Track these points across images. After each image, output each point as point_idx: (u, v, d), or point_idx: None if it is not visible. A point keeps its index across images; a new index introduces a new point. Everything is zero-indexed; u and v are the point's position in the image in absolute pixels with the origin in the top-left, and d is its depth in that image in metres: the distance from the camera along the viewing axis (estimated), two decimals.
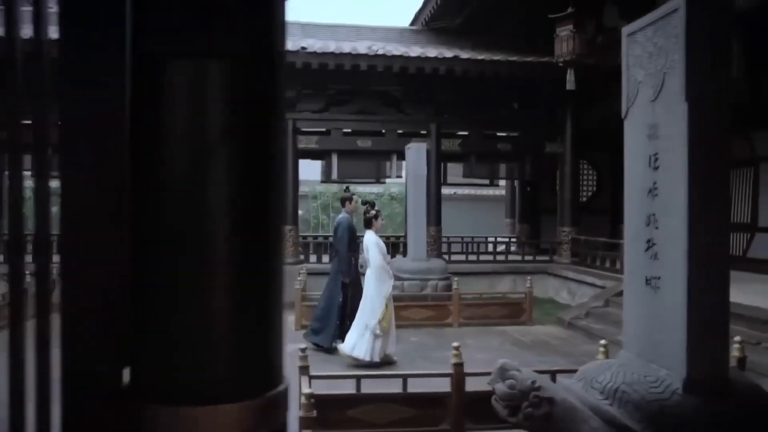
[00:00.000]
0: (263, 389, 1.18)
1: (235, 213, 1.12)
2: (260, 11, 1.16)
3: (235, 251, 1.12)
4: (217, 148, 1.09)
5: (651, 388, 2.94)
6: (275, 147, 1.19)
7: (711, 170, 2.91)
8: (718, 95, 2.93)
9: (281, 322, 1.26)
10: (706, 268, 2.92)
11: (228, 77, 1.09)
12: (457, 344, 4.53)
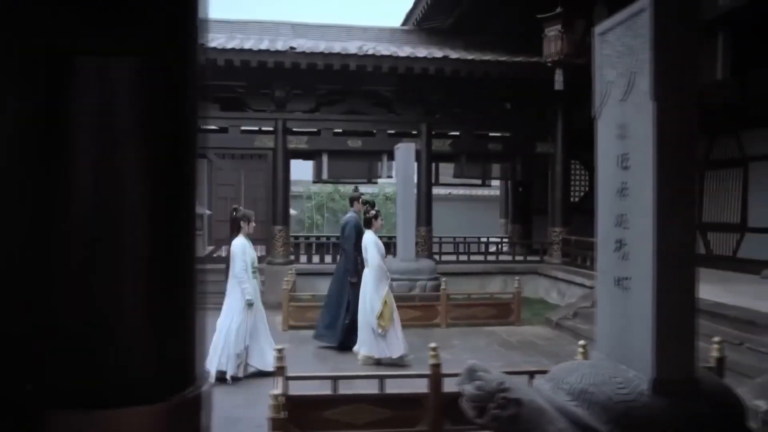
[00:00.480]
0: (179, 390, 1.16)
1: (144, 213, 1.11)
2: (171, 8, 1.14)
3: (144, 250, 1.11)
4: (124, 148, 1.07)
5: (618, 389, 2.93)
6: (187, 146, 1.17)
7: (678, 170, 2.90)
8: (686, 95, 2.91)
9: (197, 321, 1.24)
10: (673, 268, 2.90)
11: (135, 75, 1.08)
12: (435, 345, 4.51)
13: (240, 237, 6.34)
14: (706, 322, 6.85)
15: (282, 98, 11.30)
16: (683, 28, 2.90)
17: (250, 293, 6.20)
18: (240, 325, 6.17)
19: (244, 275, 6.22)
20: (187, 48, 1.16)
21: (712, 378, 3.11)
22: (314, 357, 7.07)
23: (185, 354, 1.20)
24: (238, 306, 6.23)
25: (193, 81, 1.18)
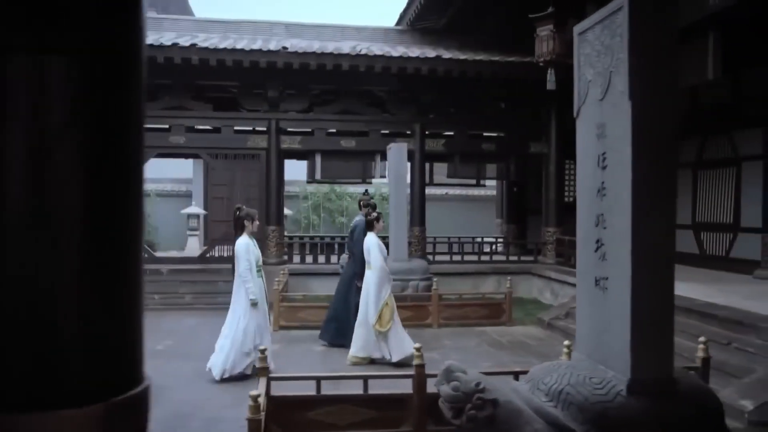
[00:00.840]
0: (117, 392, 1.15)
1: (79, 212, 1.09)
2: (107, 7, 1.12)
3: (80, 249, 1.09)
4: (57, 147, 1.06)
5: (595, 389, 2.92)
6: (123, 145, 1.16)
7: (656, 170, 2.89)
8: (663, 94, 2.90)
9: (137, 322, 1.23)
10: (651, 269, 2.89)
11: (69, 73, 1.06)
12: (419, 345, 4.49)
13: (244, 236, 6.33)
14: (696, 322, 6.87)
15: (275, 98, 11.28)
16: (660, 27, 2.89)
17: (254, 293, 6.19)
18: (247, 325, 6.16)
19: (248, 275, 6.21)
20: (122, 47, 1.15)
21: (691, 378, 3.10)
22: (305, 357, 7.05)
23: (124, 355, 1.19)
24: (244, 305, 6.20)
25: (130, 79, 1.16)
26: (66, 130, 1.06)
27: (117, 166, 1.13)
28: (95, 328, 1.12)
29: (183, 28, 11.94)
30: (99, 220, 1.11)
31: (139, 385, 1.20)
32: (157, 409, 4.32)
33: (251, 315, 6.20)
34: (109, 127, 1.11)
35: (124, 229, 1.16)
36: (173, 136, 11.20)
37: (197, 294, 10.39)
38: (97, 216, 1.11)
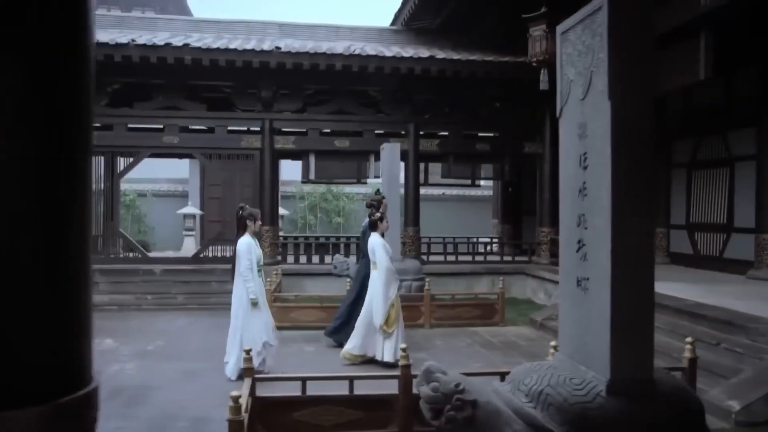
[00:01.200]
0: (58, 394, 1.14)
1: (23, 211, 1.08)
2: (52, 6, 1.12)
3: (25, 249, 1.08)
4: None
5: (575, 390, 2.90)
6: (68, 144, 1.15)
7: (634, 170, 2.88)
8: (642, 94, 2.89)
9: (84, 323, 1.22)
10: (630, 269, 2.88)
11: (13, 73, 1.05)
12: (405, 346, 4.49)
13: (246, 236, 6.34)
14: (686, 322, 6.87)
15: (269, 98, 11.27)
16: (638, 27, 2.88)
17: (254, 292, 6.21)
18: (252, 324, 6.19)
19: (249, 274, 6.24)
20: (68, 46, 1.14)
21: (672, 379, 3.09)
22: (297, 357, 7.03)
23: (70, 357, 1.18)
24: (246, 305, 6.23)
25: (76, 78, 1.15)
26: (9, 134, 1.05)
27: (59, 166, 1.12)
28: (38, 329, 1.11)
29: (177, 28, 11.92)
30: (42, 220, 1.10)
31: (87, 387, 1.19)
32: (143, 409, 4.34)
33: (255, 313, 6.22)
34: (51, 126, 1.10)
35: (68, 229, 1.14)
36: (167, 136, 11.19)
37: (190, 294, 10.37)
38: (40, 217, 1.10)
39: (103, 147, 11.18)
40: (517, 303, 10.90)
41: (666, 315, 7.24)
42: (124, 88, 11.09)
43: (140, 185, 21.17)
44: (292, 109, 11.60)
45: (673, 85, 8.54)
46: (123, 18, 12.27)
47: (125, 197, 20.84)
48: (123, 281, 10.47)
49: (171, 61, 10.03)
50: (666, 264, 12.05)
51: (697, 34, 7.88)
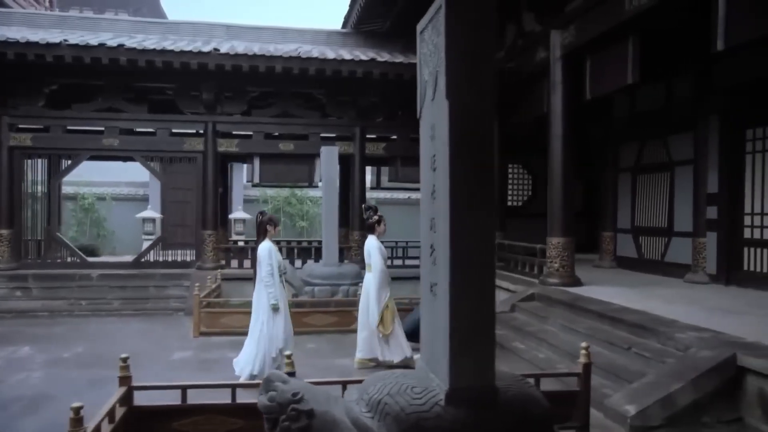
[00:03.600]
0: None
1: None
2: None
3: None
4: None
5: (413, 399, 2.82)
6: None
7: (474, 171, 2.81)
8: (481, 93, 2.82)
9: None
10: (469, 274, 2.81)
11: None
12: (290, 352, 4.37)
13: (267, 241, 6.34)
14: (607, 327, 6.86)
15: (211, 100, 11.11)
16: (477, 26, 2.82)
17: (275, 297, 6.20)
18: (272, 330, 6.18)
19: (270, 279, 6.22)
20: None
21: (521, 386, 3.02)
22: (216, 365, 6.89)
23: None
24: (267, 310, 6.22)
25: None
26: None
27: None
28: None
29: (121, 29, 11.72)
30: None
31: None
32: (32, 419, 4.13)
33: (275, 320, 6.20)
34: None
35: None
36: (107, 138, 10.98)
37: (126, 300, 10.16)
38: None
39: (40, 149, 10.94)
40: None
41: (589, 319, 7.23)
42: (62, 89, 10.86)
43: (100, 188, 20.82)
44: (236, 112, 11.45)
45: (605, 90, 8.56)
46: (64, 18, 12.02)
47: (84, 201, 20.48)
48: (57, 287, 10.22)
49: (106, 61, 9.82)
50: (613, 268, 12.11)
51: (626, 38, 7.91)
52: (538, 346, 7.20)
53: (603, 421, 5.03)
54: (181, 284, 10.62)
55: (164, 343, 7.93)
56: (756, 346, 5.19)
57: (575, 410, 4.56)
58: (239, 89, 11.28)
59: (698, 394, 4.87)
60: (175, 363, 6.99)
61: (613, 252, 12.38)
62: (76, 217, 20.69)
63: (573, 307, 7.73)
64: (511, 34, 11.46)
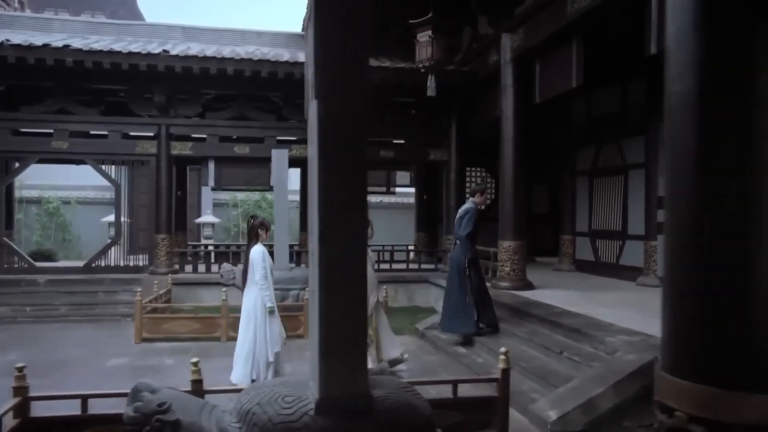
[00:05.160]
0: None
1: None
2: None
3: None
4: None
5: (282, 409, 2.73)
6: None
7: (343, 176, 2.74)
8: (351, 97, 2.75)
9: None
10: (338, 281, 2.73)
11: None
12: (197, 360, 4.26)
13: (259, 245, 6.28)
14: (546, 330, 6.82)
15: (163, 103, 10.94)
16: (348, 25, 2.74)
17: (272, 300, 6.17)
18: (266, 333, 6.11)
19: (265, 282, 6.16)
20: None
21: (401, 394, 2.94)
22: (149, 371, 6.74)
23: None
24: (262, 314, 6.12)
25: None
26: None
27: None
28: None
29: (75, 30, 11.53)
30: None
31: None
32: None
33: (271, 323, 6.14)
34: None
35: None
36: (56, 141, 10.76)
37: (74, 305, 9.95)
38: None
39: None
40: (417, 311, 10.80)
41: (530, 323, 7.20)
42: (10, 90, 10.64)
43: (65, 192, 20.48)
44: (190, 114, 11.29)
45: (552, 93, 8.55)
46: (16, 17, 11.80)
47: (48, 205, 20.13)
48: (1, 293, 9.98)
49: (51, 62, 9.63)
50: (571, 271, 12.12)
51: (570, 41, 7.90)
52: (478, 350, 7.15)
53: (528, 426, 4.98)
54: (132, 289, 10.39)
55: (103, 349, 7.75)
56: None
57: (494, 416, 4.50)
58: (193, 91, 11.13)
59: (620, 398, 4.83)
60: (108, 370, 6.83)
61: (572, 255, 12.40)
62: (41, 222, 20.34)
63: (517, 311, 7.70)
64: (467, 38, 11.45)
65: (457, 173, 12.20)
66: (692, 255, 1.40)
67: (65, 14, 24.24)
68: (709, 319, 1.31)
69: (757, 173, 1.28)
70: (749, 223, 1.30)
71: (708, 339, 1.30)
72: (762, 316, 1.21)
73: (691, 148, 1.42)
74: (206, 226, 20.40)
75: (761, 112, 1.26)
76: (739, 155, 1.30)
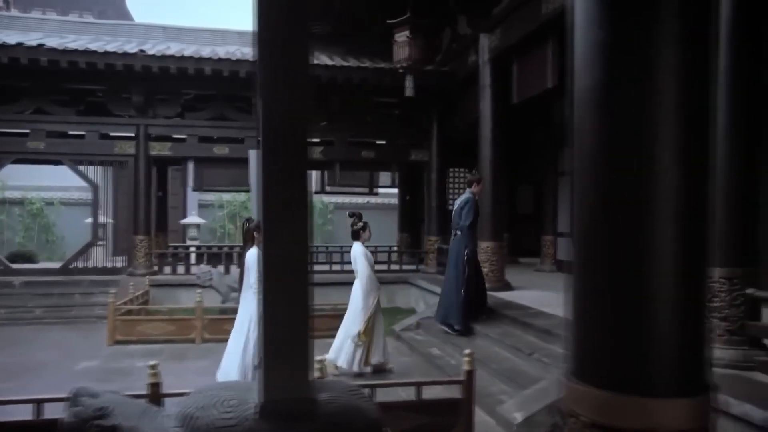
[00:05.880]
0: None
1: None
2: None
3: None
4: None
5: (224, 413, 2.68)
6: None
7: (285, 176, 2.69)
8: (293, 95, 2.70)
9: None
10: (279, 280, 2.69)
11: None
12: (154, 362, 4.20)
13: (254, 248, 6.23)
14: (518, 331, 6.81)
15: (141, 103, 10.84)
16: (288, 21, 2.69)
17: None
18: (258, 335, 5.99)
19: (260, 286, 6.00)
20: None
21: (347, 398, 2.89)
22: (120, 374, 6.66)
23: None
24: (253, 317, 6.10)
25: None
26: None
27: None
28: None
29: (52, 29, 11.43)
30: None
31: None
32: None
33: None
34: None
35: None
36: (32, 141, 10.64)
37: (49, 307, 9.84)
38: None
39: None
40: (397, 312, 10.74)
41: (504, 324, 7.18)
42: None
43: (48, 193, 20.32)
44: (170, 114, 11.19)
45: (529, 93, 8.55)
46: None
47: (31, 206, 19.96)
48: None
49: (25, 62, 9.53)
50: (553, 272, 12.13)
51: (546, 42, 7.90)
52: (453, 352, 7.12)
53: (494, 427, 4.95)
54: (109, 291, 10.30)
55: (74, 352, 7.66)
56: None
57: (458, 418, 4.47)
58: (172, 92, 11.05)
59: None
60: (77, 373, 6.75)
61: (553, 256, 12.41)
62: (24, 223, 20.18)
63: (493, 312, 7.67)
64: (447, 38, 11.43)
65: (438, 174, 12.18)
66: (590, 259, 1.37)
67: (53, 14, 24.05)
68: (607, 323, 1.27)
69: (653, 174, 1.25)
70: (643, 227, 1.27)
71: (607, 343, 1.26)
72: (659, 321, 1.17)
73: (593, 145, 1.38)
74: (191, 227, 20.26)
75: (659, 108, 1.22)
76: (637, 154, 1.27)
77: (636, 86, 1.27)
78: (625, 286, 1.26)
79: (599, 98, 1.40)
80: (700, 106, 1.30)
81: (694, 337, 1.28)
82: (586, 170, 1.42)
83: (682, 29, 1.26)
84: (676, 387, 1.23)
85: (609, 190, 1.33)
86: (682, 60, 1.26)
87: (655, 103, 1.23)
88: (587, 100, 1.44)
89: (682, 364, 1.26)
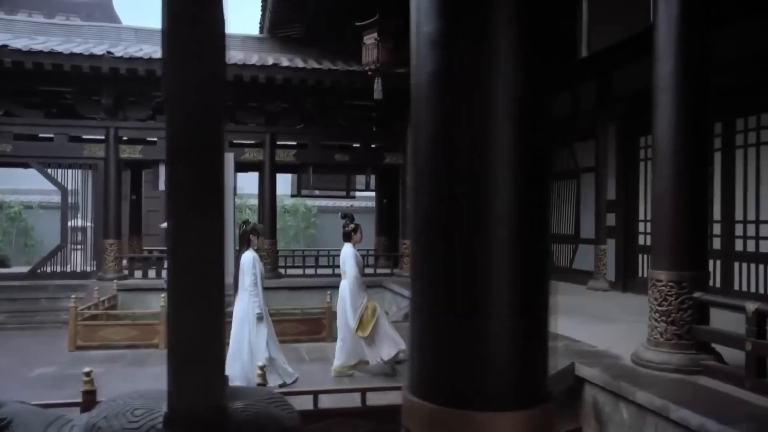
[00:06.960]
0: None
1: None
2: None
3: None
4: None
5: (129, 422, 2.56)
6: None
7: (195, 176, 2.58)
8: (204, 89, 2.61)
9: None
10: (191, 285, 2.58)
11: None
12: (89, 369, 4.10)
13: (250, 251, 6.31)
14: None
15: (111, 105, 10.74)
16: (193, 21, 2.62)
17: (261, 306, 6.24)
18: (258, 338, 6.17)
19: (255, 288, 6.23)
20: None
21: (263, 406, 2.80)
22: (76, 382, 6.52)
23: None
24: (252, 319, 6.17)
25: None
26: None
27: None
28: None
29: (19, 30, 11.27)
30: None
31: None
32: None
33: (258, 329, 6.18)
34: None
35: None
36: None
37: (13, 313, 9.69)
38: None
39: None
40: None
41: None
42: None
43: (27, 196, 20.08)
44: (141, 117, 11.09)
45: None
46: None
47: (9, 209, 19.72)
48: None
49: None
50: None
51: None
52: None
53: None
54: (78, 296, 10.19)
55: (33, 358, 7.52)
56: (602, 354, 5.12)
57: None
58: (143, 94, 10.94)
59: None
60: (30, 380, 6.62)
61: None
62: (1, 227, 19.93)
63: None
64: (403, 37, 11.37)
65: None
66: (424, 267, 1.31)
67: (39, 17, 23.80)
68: (440, 334, 1.21)
69: (485, 174, 1.18)
70: (475, 233, 1.20)
71: (439, 355, 1.19)
72: (491, 331, 1.10)
73: (429, 138, 1.32)
74: None
75: (490, 100, 1.16)
76: (469, 150, 1.20)
77: (470, 73, 1.21)
78: (456, 293, 1.19)
79: (436, 86, 1.34)
80: (531, 106, 1.24)
81: (531, 348, 1.23)
82: (421, 171, 1.36)
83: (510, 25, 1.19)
84: (510, 399, 1.16)
85: (442, 191, 1.26)
86: (512, 58, 1.20)
87: (485, 94, 1.18)
88: (425, 88, 1.38)
89: (516, 375, 1.19)
